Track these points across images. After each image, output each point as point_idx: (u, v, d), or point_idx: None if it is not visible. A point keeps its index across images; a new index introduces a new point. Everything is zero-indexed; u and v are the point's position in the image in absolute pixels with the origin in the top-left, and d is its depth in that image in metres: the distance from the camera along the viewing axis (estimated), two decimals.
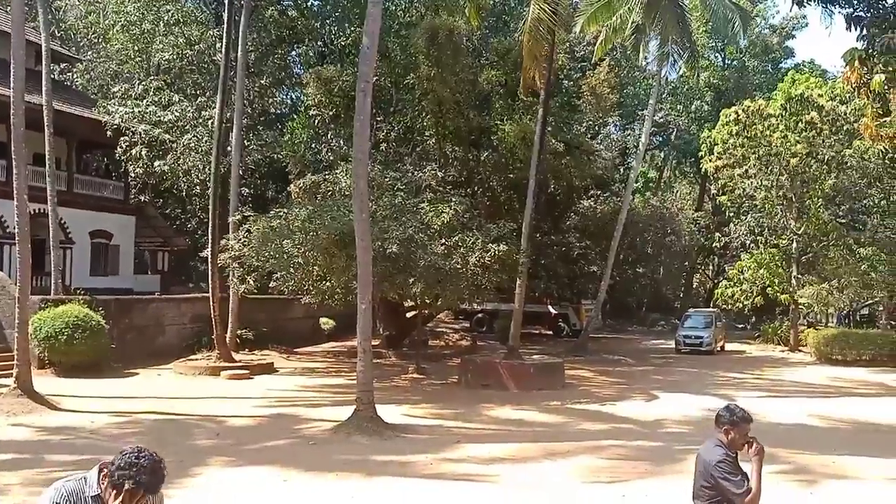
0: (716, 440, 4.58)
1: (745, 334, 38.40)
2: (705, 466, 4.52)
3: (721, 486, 4.41)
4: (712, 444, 4.59)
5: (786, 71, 40.30)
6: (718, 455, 4.46)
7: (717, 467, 4.42)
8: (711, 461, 4.47)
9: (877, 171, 28.90)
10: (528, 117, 23.24)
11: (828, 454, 11.29)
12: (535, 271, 27.59)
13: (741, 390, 18.79)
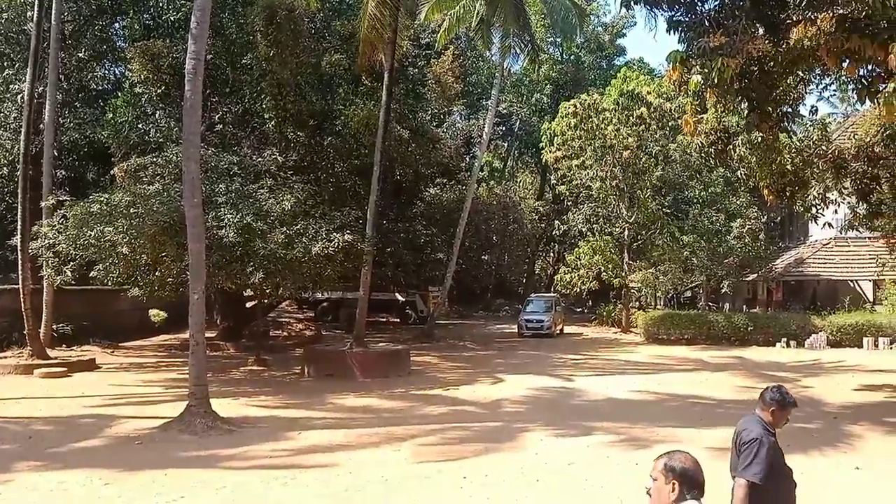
0: (757, 417, 4.67)
1: (583, 317, 40.94)
2: (740, 440, 4.58)
3: (742, 460, 4.45)
4: (753, 421, 4.65)
5: (618, 68, 43.17)
6: (756, 433, 4.50)
7: (751, 443, 4.45)
8: (747, 435, 4.52)
9: (697, 164, 31.74)
10: (372, 103, 23.24)
11: (653, 425, 12.32)
12: (382, 259, 27.74)
13: (578, 370, 20.05)
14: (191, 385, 12.28)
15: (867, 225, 17.58)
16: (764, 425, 4.58)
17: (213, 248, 15.32)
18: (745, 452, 4.44)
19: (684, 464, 3.17)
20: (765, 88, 11.40)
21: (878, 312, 27.64)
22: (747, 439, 4.50)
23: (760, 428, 4.56)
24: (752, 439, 4.47)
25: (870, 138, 14.96)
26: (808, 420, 12.98)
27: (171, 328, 26.00)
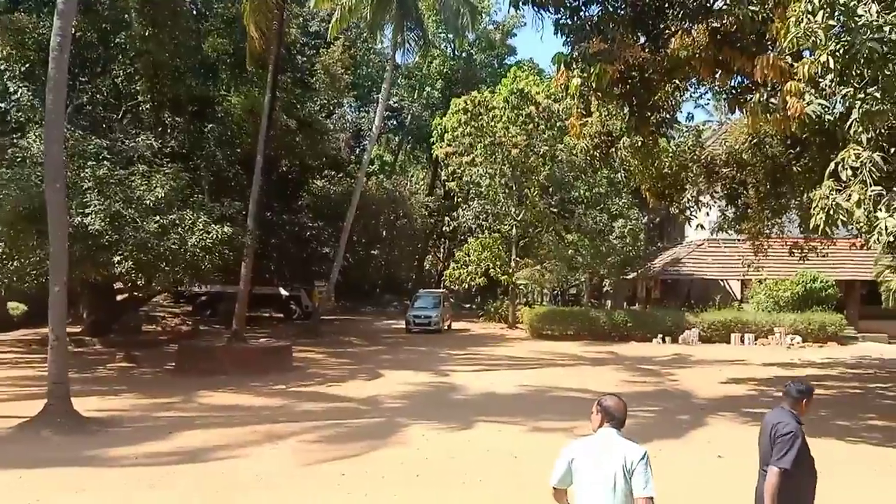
0: (787, 410, 5.11)
1: (471, 313, 41.64)
2: (776, 432, 4.96)
3: (777, 450, 4.88)
4: (784, 413, 5.09)
5: (509, 67, 44.13)
6: (793, 426, 4.94)
7: (788, 436, 4.89)
8: (784, 428, 4.93)
9: (582, 165, 32.98)
10: (257, 90, 22.68)
11: (534, 419, 12.75)
12: (265, 252, 27.16)
13: (463, 366, 20.41)
14: (50, 383, 11.61)
15: (735, 227, 18.87)
16: (796, 417, 5.07)
17: (77, 237, 14.51)
18: (781, 443, 4.92)
19: (608, 402, 4.60)
20: (644, 95, 12.04)
21: (745, 310, 29.79)
22: (784, 432, 4.96)
23: (795, 421, 5.04)
24: (789, 432, 4.94)
25: (738, 146, 16.09)
26: (679, 412, 13.88)
27: (32, 322, 24.38)
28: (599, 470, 4.31)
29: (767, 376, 18.79)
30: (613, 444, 4.41)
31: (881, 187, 8.58)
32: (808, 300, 28.54)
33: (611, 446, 4.40)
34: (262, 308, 33.52)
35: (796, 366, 21.19)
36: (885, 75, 7.92)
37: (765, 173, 15.79)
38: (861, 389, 16.98)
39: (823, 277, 28.65)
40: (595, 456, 4.39)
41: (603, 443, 4.44)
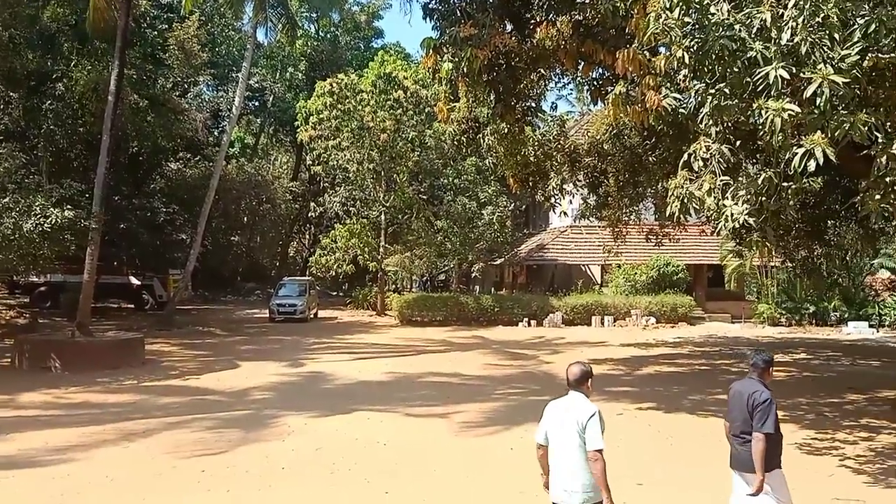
0: (756, 380, 5.80)
1: (339, 301, 41.29)
2: (752, 402, 5.60)
3: (759, 418, 5.52)
4: (755, 383, 5.78)
5: (376, 50, 43.88)
6: (768, 394, 5.61)
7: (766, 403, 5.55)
8: (760, 397, 5.60)
9: (450, 152, 33.44)
10: (102, 65, 21.20)
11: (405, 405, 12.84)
12: (114, 238, 25.56)
13: (332, 354, 20.22)
14: None
15: (596, 215, 19.81)
16: (766, 385, 5.77)
17: None
18: (761, 411, 5.59)
19: (569, 369, 5.42)
20: (510, 82, 12.34)
21: (605, 294, 31.46)
22: (762, 399, 5.64)
23: (766, 389, 5.72)
24: (766, 400, 5.64)
25: (600, 136, 16.88)
26: (542, 393, 14.40)
27: None
28: (563, 429, 5.14)
29: (625, 356, 19.95)
30: (573, 406, 5.18)
31: (728, 177, 9.29)
32: (662, 283, 30.56)
33: (571, 408, 5.18)
34: (110, 299, 31.60)
35: (651, 345, 22.62)
36: (733, 72, 8.55)
37: (624, 163, 16.66)
38: (708, 366, 18.39)
39: (675, 262, 30.76)
40: (560, 416, 5.21)
41: (566, 405, 5.25)
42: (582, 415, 5.06)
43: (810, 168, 7.56)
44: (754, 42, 7.96)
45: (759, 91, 7.89)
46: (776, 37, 7.72)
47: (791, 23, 7.52)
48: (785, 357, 19.74)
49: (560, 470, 5.16)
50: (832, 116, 7.61)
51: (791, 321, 29.55)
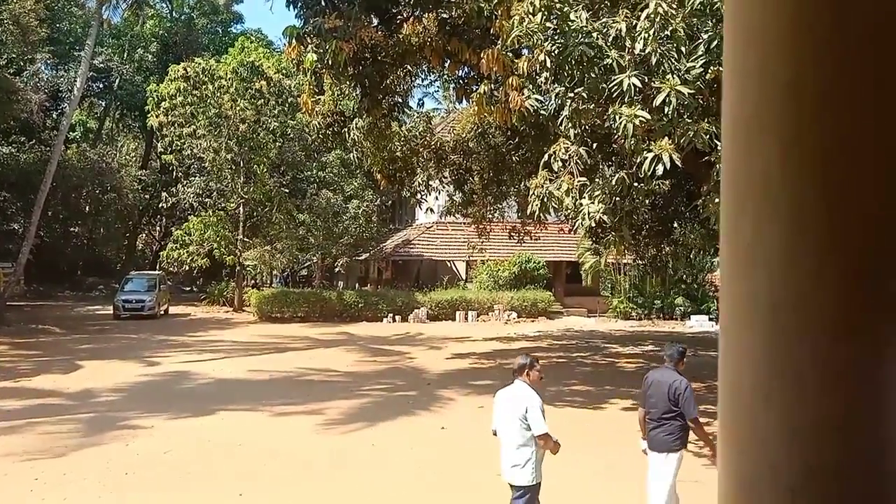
0: (671, 369, 6.25)
1: (193, 297, 39.71)
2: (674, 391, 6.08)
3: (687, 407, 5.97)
4: (671, 372, 6.25)
5: (236, 36, 42.48)
6: (685, 381, 6.06)
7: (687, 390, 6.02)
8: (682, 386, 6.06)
9: (314, 144, 33.01)
10: None
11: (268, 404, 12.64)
12: None
13: (185, 353, 19.49)
14: None
15: (462, 211, 20.33)
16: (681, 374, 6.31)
17: None
18: (688, 399, 6.15)
19: None
20: (377, 77, 12.44)
21: (469, 289, 32.24)
22: (684, 388, 6.22)
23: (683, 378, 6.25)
24: (686, 387, 6.22)
25: (465, 134, 17.33)
26: (407, 388, 14.68)
27: None
28: (507, 415, 5.74)
29: (488, 350, 20.59)
30: (516, 395, 5.77)
31: (586, 178, 9.89)
32: (524, 279, 31.73)
33: (512, 397, 5.79)
34: None
35: (513, 339, 23.47)
36: (591, 77, 9.12)
37: (488, 162, 17.21)
38: (565, 359, 19.34)
39: (536, 259, 32.02)
40: (504, 404, 5.83)
41: (509, 394, 5.86)
42: (521, 404, 5.70)
43: (658, 171, 8.21)
44: (610, 50, 8.53)
45: (614, 97, 8.47)
46: (630, 46, 8.32)
47: (643, 34, 8.12)
48: (635, 349, 21.11)
49: (504, 450, 5.90)
50: (678, 124, 8.29)
51: (641, 315, 31.56)
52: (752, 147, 1.25)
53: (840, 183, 1.20)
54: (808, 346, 1.19)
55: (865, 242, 1.20)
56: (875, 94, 1.21)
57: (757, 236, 1.22)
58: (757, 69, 1.24)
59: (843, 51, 1.20)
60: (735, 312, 1.27)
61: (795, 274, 1.19)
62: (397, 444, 10.14)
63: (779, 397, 1.20)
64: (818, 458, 1.17)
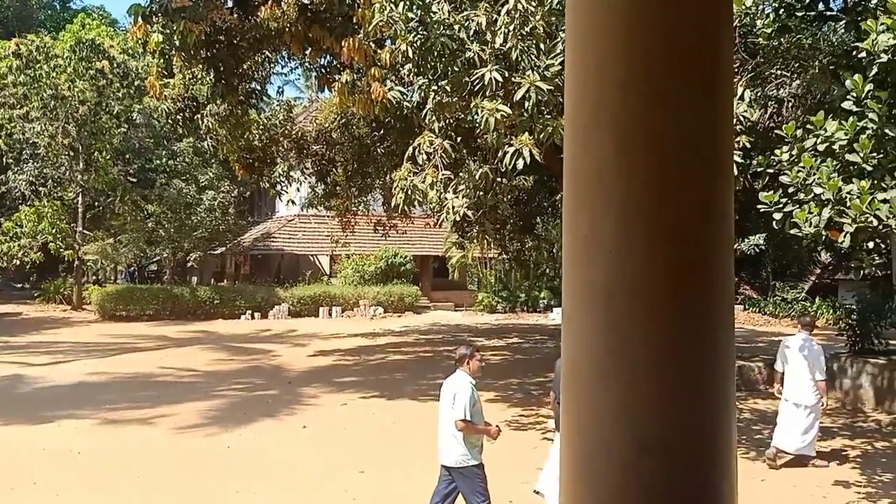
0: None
1: (26, 294, 36.93)
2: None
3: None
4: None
5: (75, 13, 39.82)
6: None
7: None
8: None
9: (164, 131, 31.51)
10: None
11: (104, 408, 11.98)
12: None
13: (15, 354, 18.12)
14: None
15: (325, 204, 20.12)
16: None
17: None
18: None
19: None
20: (232, 61, 12.07)
21: (333, 284, 31.96)
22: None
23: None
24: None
25: (328, 124, 17.16)
26: (267, 387, 14.39)
27: None
28: (443, 401, 6.32)
29: (352, 346, 20.54)
30: (451, 382, 6.29)
31: (450, 172, 10.06)
32: (390, 274, 31.85)
33: (449, 384, 6.31)
34: None
35: (378, 335, 23.51)
36: (454, 70, 9.28)
37: (352, 153, 17.14)
38: (431, 353, 19.62)
39: (403, 252, 32.22)
40: (443, 392, 6.36)
41: (450, 381, 6.34)
42: (452, 389, 6.21)
43: (519, 166, 8.49)
44: (472, 43, 8.72)
45: (476, 91, 8.67)
46: (491, 41, 8.54)
47: (504, 29, 8.36)
48: (500, 342, 21.74)
49: (440, 435, 6.34)
50: (538, 119, 8.61)
51: (507, 308, 32.50)
52: (589, 144, 1.35)
53: (668, 177, 1.32)
54: (641, 330, 1.30)
55: (692, 232, 1.33)
56: (702, 94, 1.34)
57: (593, 228, 1.32)
58: (594, 70, 1.35)
59: (672, 54, 1.32)
60: (575, 300, 1.37)
61: (629, 263, 1.30)
62: (255, 446, 9.93)
63: (614, 379, 1.31)
64: (649, 435, 1.29)
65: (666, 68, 1.30)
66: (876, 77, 6.88)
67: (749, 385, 14.21)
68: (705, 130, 1.35)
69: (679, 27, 1.31)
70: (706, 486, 1.29)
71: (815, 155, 7.15)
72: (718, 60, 1.36)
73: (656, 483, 1.26)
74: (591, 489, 1.31)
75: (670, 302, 1.30)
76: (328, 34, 10.67)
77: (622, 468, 1.28)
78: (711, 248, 1.35)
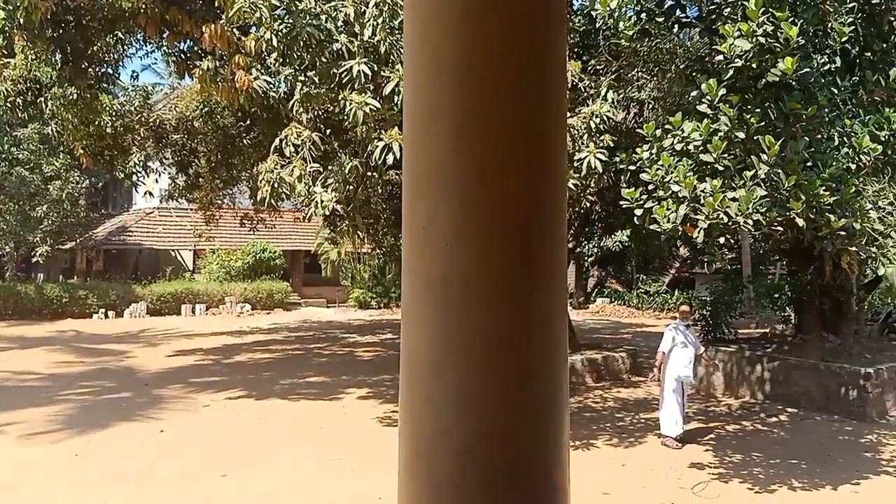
0: None
1: None
2: None
3: None
4: None
5: None
6: None
7: None
8: None
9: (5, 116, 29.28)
10: None
11: None
12: None
13: None
14: None
15: (187, 196, 19.36)
16: None
17: None
18: None
19: None
20: (81, 42, 11.39)
21: (197, 280, 30.83)
22: None
23: None
24: None
25: (190, 113, 16.51)
26: (120, 390, 13.71)
27: None
28: None
29: (217, 345, 19.90)
30: None
31: (319, 165, 9.94)
32: (258, 269, 31.10)
33: None
34: None
35: (246, 333, 22.91)
36: (322, 61, 9.16)
37: (216, 143, 16.58)
38: (302, 350, 19.33)
39: (272, 248, 31.54)
40: None
41: None
42: None
43: (389, 161, 8.50)
44: (340, 35, 8.65)
45: (344, 83, 8.61)
46: (360, 32, 8.50)
47: (372, 21, 8.34)
48: (373, 338, 21.72)
49: None
50: None
51: (381, 304, 32.48)
52: (427, 137, 1.38)
53: (503, 170, 1.37)
54: (476, 320, 1.35)
55: (526, 224, 1.39)
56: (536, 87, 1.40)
57: (430, 219, 1.36)
58: (432, 59, 1.37)
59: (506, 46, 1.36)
60: (413, 290, 1.40)
61: (464, 254, 1.34)
62: (107, 452, 9.45)
63: (451, 368, 1.34)
64: (485, 423, 1.33)
65: (500, 61, 1.35)
66: (728, 82, 7.39)
67: (613, 375, 14.92)
68: (539, 123, 1.41)
69: (511, 20, 1.35)
70: (538, 471, 1.35)
71: (673, 154, 7.60)
72: (551, 53, 1.41)
73: (490, 469, 1.31)
74: (428, 478, 1.34)
75: (503, 292, 1.35)
76: (187, 17, 10.26)
77: (458, 456, 1.31)
78: (545, 240, 1.41)
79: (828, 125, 7.56)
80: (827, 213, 7.14)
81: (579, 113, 9.43)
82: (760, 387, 13.07)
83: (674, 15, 8.50)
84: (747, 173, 7.12)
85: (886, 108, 7.68)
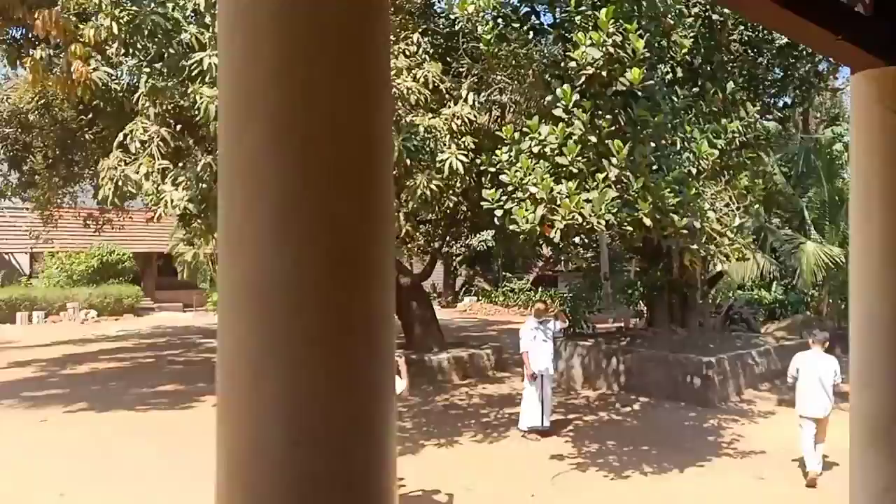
0: None
1: None
2: None
3: None
4: None
5: None
6: None
7: None
8: None
9: None
10: None
11: None
12: None
13: None
14: None
15: (21, 195, 18.09)
16: None
17: None
18: None
19: None
20: None
21: (35, 286, 28.77)
22: None
23: None
24: None
25: (24, 105, 15.43)
26: None
27: None
28: None
29: (57, 355, 18.67)
30: None
31: (169, 162, 9.54)
32: (105, 273, 29.42)
33: None
34: None
35: (90, 341, 21.61)
36: (169, 53, 8.79)
37: (55, 138, 15.60)
38: (153, 358, 18.46)
39: (120, 250, 29.92)
40: None
41: None
42: None
43: None
44: (189, 25, 8.33)
45: (195, 76, 8.29)
46: (211, 23, 8.21)
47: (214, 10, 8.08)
48: None
49: None
50: None
51: None
52: (244, 137, 1.34)
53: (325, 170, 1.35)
54: (297, 323, 1.32)
55: (350, 224, 1.37)
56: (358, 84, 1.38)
57: (248, 221, 1.32)
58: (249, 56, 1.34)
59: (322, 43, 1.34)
60: (230, 296, 1.36)
61: (284, 256, 1.31)
62: None
63: (270, 375, 1.31)
64: (300, 431, 1.31)
65: (317, 58, 1.33)
66: (581, 87, 7.70)
67: (479, 372, 15.23)
68: (362, 122, 1.40)
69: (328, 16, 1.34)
70: (362, 473, 1.34)
71: (531, 157, 7.84)
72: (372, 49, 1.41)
73: (308, 475, 1.30)
74: (246, 490, 1.31)
75: (325, 294, 1.33)
76: (18, 3, 9.54)
77: (275, 465, 1.29)
78: (369, 241, 1.40)
79: (671, 132, 8.05)
80: (671, 214, 7.61)
81: (441, 114, 9.55)
82: (616, 378, 13.72)
83: (530, 21, 8.77)
84: (599, 175, 7.46)
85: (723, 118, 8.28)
